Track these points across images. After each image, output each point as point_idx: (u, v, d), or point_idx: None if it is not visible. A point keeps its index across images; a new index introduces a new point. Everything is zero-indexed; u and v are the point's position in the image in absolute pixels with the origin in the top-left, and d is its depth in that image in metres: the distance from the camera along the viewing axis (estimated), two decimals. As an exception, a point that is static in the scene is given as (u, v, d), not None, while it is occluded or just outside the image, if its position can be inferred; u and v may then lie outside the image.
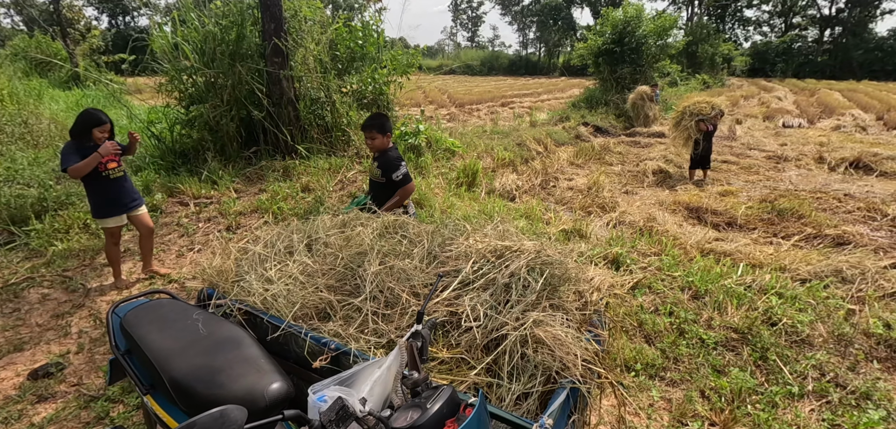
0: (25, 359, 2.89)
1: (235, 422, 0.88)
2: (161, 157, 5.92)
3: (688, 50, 23.45)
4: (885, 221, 4.98)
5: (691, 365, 2.84)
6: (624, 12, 13.76)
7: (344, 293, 1.95)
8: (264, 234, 2.39)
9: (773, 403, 2.52)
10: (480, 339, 1.67)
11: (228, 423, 0.88)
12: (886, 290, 3.54)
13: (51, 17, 17.03)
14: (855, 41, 40.46)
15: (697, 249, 4.40)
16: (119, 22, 44.44)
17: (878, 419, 2.37)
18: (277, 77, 5.81)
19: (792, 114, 14.69)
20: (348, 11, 11.24)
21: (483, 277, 1.90)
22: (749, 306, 3.35)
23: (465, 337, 1.70)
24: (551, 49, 56.03)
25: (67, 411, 2.45)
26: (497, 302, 1.80)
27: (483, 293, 1.83)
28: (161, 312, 1.65)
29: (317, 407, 1.01)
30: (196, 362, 1.39)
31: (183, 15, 5.90)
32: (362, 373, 1.12)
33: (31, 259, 4.01)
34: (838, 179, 6.77)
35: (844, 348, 2.95)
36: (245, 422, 0.90)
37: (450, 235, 2.18)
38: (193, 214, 4.81)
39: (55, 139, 6.81)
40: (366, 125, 3.20)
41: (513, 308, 1.76)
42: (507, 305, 1.79)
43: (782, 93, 21.78)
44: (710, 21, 43.35)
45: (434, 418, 0.98)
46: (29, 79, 10.48)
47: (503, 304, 1.80)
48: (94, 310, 3.36)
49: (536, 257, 1.98)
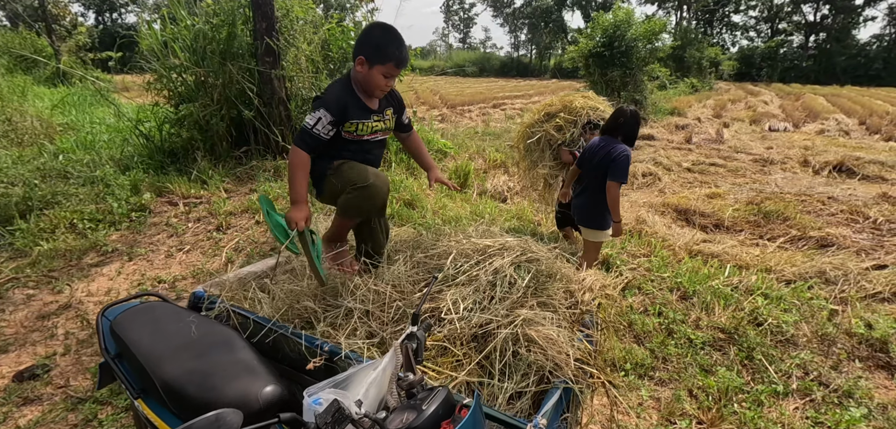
0: (10, 361, 2.84)
1: (231, 426, 0.89)
2: (150, 156, 5.84)
3: (676, 54, 23.75)
4: (867, 223, 5.11)
5: (680, 365, 2.89)
6: (614, 16, 13.90)
7: (327, 303, 1.95)
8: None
9: (758, 401, 2.58)
10: (462, 330, 1.69)
11: (224, 426, 0.88)
12: (868, 291, 3.63)
13: (36, 13, 16.71)
14: (838, 47, 41.38)
15: (686, 250, 4.47)
16: (106, 19, 43.74)
17: (859, 417, 2.43)
18: (269, 76, 5.77)
19: (778, 118, 14.96)
20: (340, 11, 11.21)
21: (464, 274, 1.91)
22: (736, 307, 3.42)
23: (447, 328, 1.71)
24: (542, 51, 56.40)
25: (54, 414, 2.42)
26: (481, 298, 1.82)
27: (465, 289, 1.84)
28: (152, 314, 1.63)
29: (312, 410, 1.01)
30: (188, 365, 1.38)
31: (172, 12, 5.83)
32: (357, 375, 1.13)
33: (15, 259, 3.93)
34: (822, 182, 6.91)
35: (828, 348, 3.02)
36: (241, 426, 0.90)
37: (432, 241, 2.18)
38: (183, 213, 4.76)
39: (40, 137, 6.68)
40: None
41: (498, 305, 1.78)
42: (492, 301, 1.81)
43: (768, 97, 22.17)
44: (698, 26, 44.01)
45: (430, 420, 0.98)
46: (13, 75, 10.27)
47: (488, 300, 1.82)
48: (81, 311, 3.31)
49: (521, 255, 2.01)
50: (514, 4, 61.57)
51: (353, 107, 2.07)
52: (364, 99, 2.11)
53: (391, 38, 1.98)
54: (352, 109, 2.06)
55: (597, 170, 3.34)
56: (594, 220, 3.46)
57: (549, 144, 4.01)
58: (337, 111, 2.02)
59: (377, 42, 1.97)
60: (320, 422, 0.91)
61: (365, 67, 1.99)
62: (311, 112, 2.03)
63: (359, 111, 2.09)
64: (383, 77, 2.01)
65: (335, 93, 2.04)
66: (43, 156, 5.83)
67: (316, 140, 2.00)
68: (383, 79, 2.02)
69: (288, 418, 0.98)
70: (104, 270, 3.87)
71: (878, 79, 36.45)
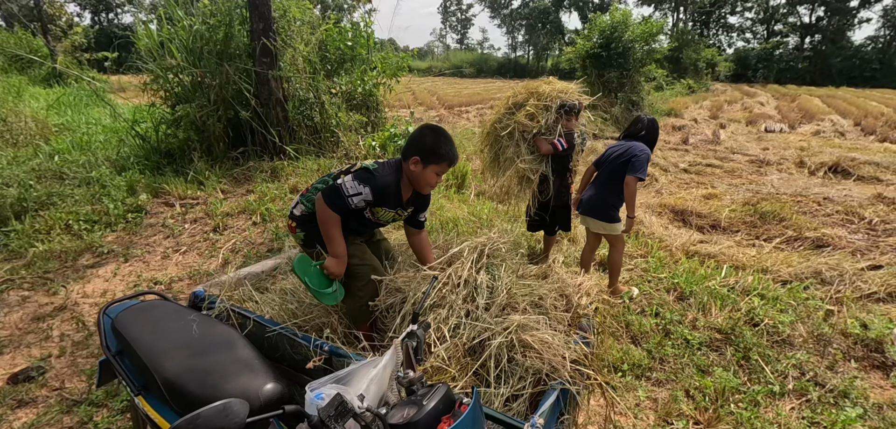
0: (4, 363, 2.82)
1: (238, 415, 0.91)
2: (146, 156, 5.82)
3: (672, 55, 23.85)
4: (862, 224, 5.14)
5: (676, 365, 2.90)
6: (611, 17, 13.95)
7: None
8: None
9: (755, 401, 2.59)
10: (456, 348, 1.69)
11: (231, 416, 0.91)
12: (863, 291, 3.65)
13: (31, 13, 16.63)
14: (834, 49, 41.60)
15: (683, 251, 4.48)
16: (102, 19, 43.59)
17: (855, 417, 2.44)
18: (266, 77, 5.76)
19: (774, 119, 15.04)
20: (337, 12, 11.20)
21: (438, 297, 1.92)
22: (732, 307, 3.43)
23: (444, 350, 1.71)
24: (539, 52, 56.53)
25: (49, 416, 2.40)
26: (469, 310, 1.83)
27: (440, 310, 1.85)
28: (153, 313, 1.64)
29: (314, 404, 1.02)
30: (189, 362, 1.39)
31: (169, 12, 5.82)
32: (358, 372, 1.14)
33: (10, 260, 3.91)
34: (818, 183, 6.95)
35: (823, 348, 3.04)
36: (247, 416, 0.93)
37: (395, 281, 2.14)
38: (179, 214, 4.75)
39: (35, 137, 6.65)
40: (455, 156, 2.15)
41: (484, 313, 1.79)
42: (478, 309, 1.81)
43: (764, 98, 22.28)
44: (695, 27, 44.20)
45: (430, 415, 1.00)
46: (8, 75, 10.21)
47: (477, 309, 1.82)
48: (77, 313, 3.29)
49: (480, 255, 2.02)
50: (511, 5, 61.72)
51: (391, 198, 2.11)
52: (404, 191, 2.17)
53: (443, 139, 2.08)
54: (390, 199, 2.12)
55: (612, 166, 3.36)
56: (606, 213, 3.44)
57: (523, 136, 3.58)
58: (378, 199, 2.06)
59: (432, 145, 2.05)
60: (323, 415, 0.93)
61: (419, 167, 2.07)
62: (353, 180, 2.01)
63: (394, 202, 2.14)
64: (436, 175, 2.11)
65: (385, 181, 2.07)
66: (38, 156, 5.81)
67: (346, 207, 2.02)
68: (436, 177, 2.12)
69: (292, 411, 1.01)
70: (100, 271, 3.85)
71: (873, 80, 36.67)
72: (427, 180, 2.11)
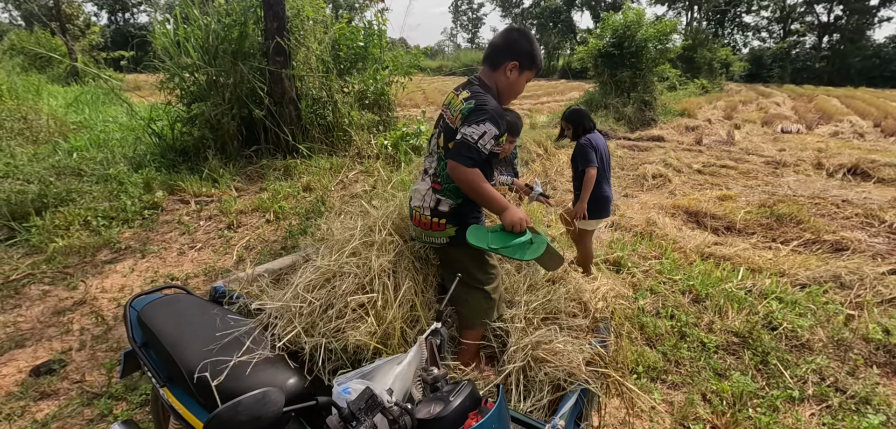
0: (27, 355, 2.88)
1: (275, 404, 0.96)
2: (161, 154, 5.91)
3: (686, 55, 23.53)
4: (882, 227, 5.03)
5: (692, 368, 2.86)
6: (624, 16, 13.81)
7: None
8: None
9: (773, 406, 2.54)
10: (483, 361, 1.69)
11: (270, 404, 0.95)
12: (884, 296, 3.57)
13: (50, 12, 16.97)
14: (852, 48, 40.79)
15: (697, 253, 4.42)
16: (118, 19, 44.29)
17: (877, 424, 2.39)
18: (279, 76, 5.81)
19: (790, 120, 14.79)
20: (350, 11, 11.25)
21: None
22: (749, 311, 3.38)
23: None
24: (551, 52, 56.16)
25: (70, 408, 2.45)
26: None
27: None
28: (178, 306, 1.68)
29: (342, 398, 1.04)
30: (214, 355, 1.42)
31: (185, 11, 5.89)
32: (383, 367, 1.15)
33: (31, 255, 3.99)
34: (836, 185, 6.81)
35: (844, 353, 2.98)
36: (284, 406, 0.98)
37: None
38: (194, 212, 4.81)
39: (54, 135, 6.78)
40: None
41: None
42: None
43: (780, 98, 21.92)
44: (709, 26, 43.60)
45: (458, 411, 1.01)
46: (27, 74, 10.44)
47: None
48: (96, 307, 3.35)
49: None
50: (522, 5, 61.51)
51: (503, 119, 1.81)
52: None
53: (536, 44, 1.86)
54: (504, 120, 1.82)
55: (602, 162, 3.44)
56: (594, 211, 3.49)
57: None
58: (502, 125, 1.75)
59: (529, 49, 1.82)
60: (353, 407, 0.95)
61: (515, 74, 1.83)
62: (470, 124, 1.71)
63: (504, 123, 1.83)
64: (525, 82, 1.88)
65: (492, 102, 1.77)
66: (57, 154, 5.92)
67: (479, 156, 1.71)
68: (524, 85, 1.90)
69: (325, 401, 1.06)
70: (117, 266, 3.92)
71: (893, 80, 35.88)
72: (519, 89, 1.87)
